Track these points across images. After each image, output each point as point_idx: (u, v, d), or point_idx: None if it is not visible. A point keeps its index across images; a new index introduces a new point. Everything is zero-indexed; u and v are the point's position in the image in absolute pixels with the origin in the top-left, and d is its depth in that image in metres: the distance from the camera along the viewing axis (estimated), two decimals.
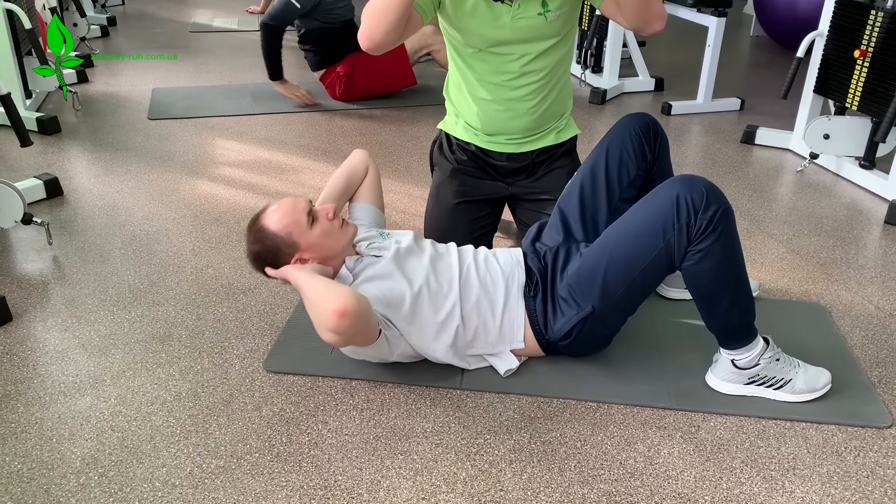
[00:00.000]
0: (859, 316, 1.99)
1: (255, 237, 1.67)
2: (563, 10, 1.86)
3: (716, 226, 1.47)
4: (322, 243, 1.66)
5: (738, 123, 3.51)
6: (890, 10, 2.64)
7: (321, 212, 1.69)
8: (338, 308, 1.40)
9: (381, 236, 1.79)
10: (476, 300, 1.66)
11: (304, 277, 1.55)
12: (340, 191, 1.93)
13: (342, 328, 1.42)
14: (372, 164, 2.00)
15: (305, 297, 1.53)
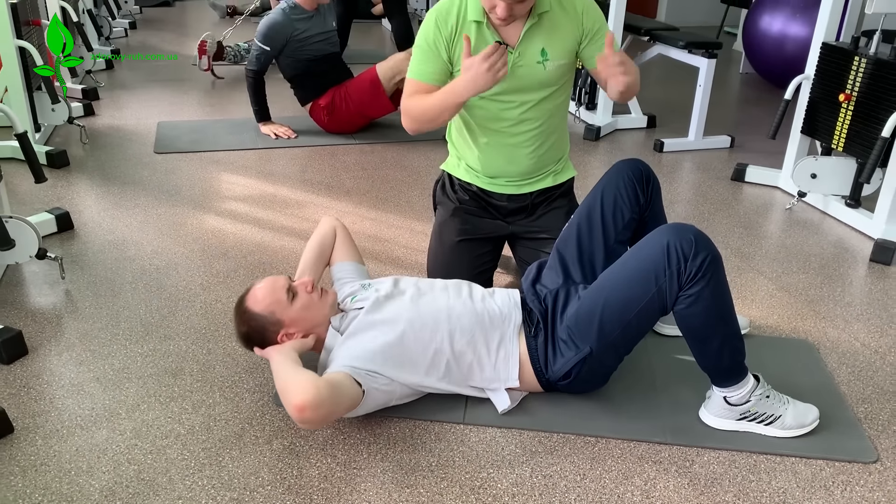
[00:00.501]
0: (846, 353, 2.07)
1: (242, 319, 1.77)
2: (562, 62, 1.96)
3: (705, 272, 1.55)
4: (304, 316, 1.75)
5: (729, 161, 3.62)
6: (872, 56, 2.76)
7: (300, 287, 1.79)
8: (296, 404, 1.49)
9: (363, 288, 1.88)
10: (470, 337, 1.73)
11: (275, 364, 1.67)
12: (315, 259, 2.03)
13: (304, 420, 1.51)
14: (339, 226, 2.11)
15: (276, 385, 1.63)
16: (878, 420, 1.80)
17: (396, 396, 1.73)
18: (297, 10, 3.59)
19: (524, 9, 1.86)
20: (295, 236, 2.69)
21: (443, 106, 1.90)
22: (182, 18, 7.31)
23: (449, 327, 1.73)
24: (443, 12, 1.95)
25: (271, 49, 3.58)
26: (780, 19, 4.80)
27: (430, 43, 1.95)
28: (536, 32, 1.93)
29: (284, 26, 3.56)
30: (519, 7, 1.83)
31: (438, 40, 1.93)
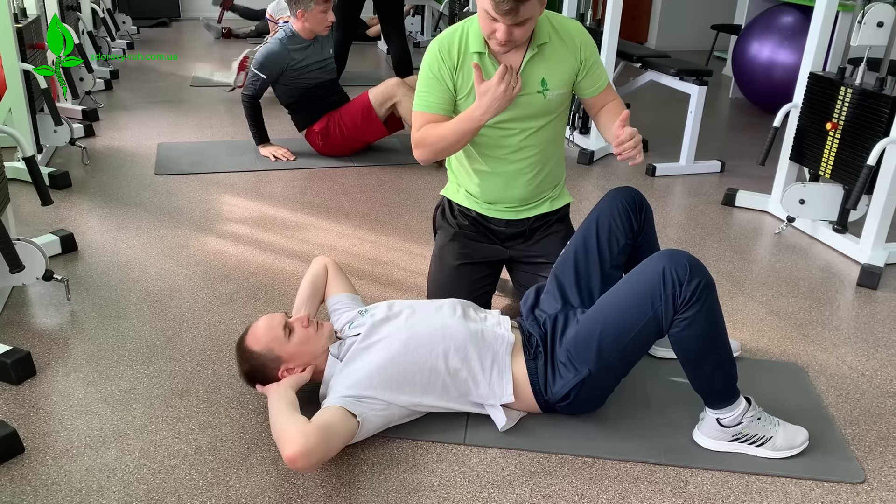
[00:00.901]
0: (834, 376, 2.14)
1: (243, 358, 1.83)
2: (561, 91, 2.04)
3: (699, 297, 1.62)
4: (302, 351, 1.82)
5: (719, 185, 3.70)
6: (858, 87, 2.85)
7: (296, 322, 1.85)
8: (287, 455, 1.54)
9: (360, 314, 1.93)
10: (464, 353, 1.78)
11: (271, 407, 1.72)
12: (310, 295, 2.10)
13: (297, 468, 1.56)
14: (330, 262, 2.18)
15: (272, 430, 1.69)
16: (865, 442, 1.85)
17: (395, 418, 1.78)
18: (295, 39, 3.66)
19: (523, 35, 1.89)
20: (296, 259, 2.74)
21: (460, 132, 1.97)
22: (178, 39, 7.39)
23: (443, 346, 1.78)
24: (445, 44, 2.01)
25: (267, 77, 3.66)
26: (769, 46, 4.91)
27: (434, 73, 2.01)
28: (537, 63, 2.00)
29: (281, 56, 3.63)
30: (518, 32, 1.86)
31: (443, 70, 2.00)
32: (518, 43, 1.93)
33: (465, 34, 2.01)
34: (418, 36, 7.31)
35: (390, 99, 3.67)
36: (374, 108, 3.70)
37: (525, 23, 1.85)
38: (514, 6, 1.78)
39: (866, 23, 2.78)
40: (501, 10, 1.79)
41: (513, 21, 1.82)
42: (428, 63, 2.03)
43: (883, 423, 1.93)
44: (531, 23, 1.87)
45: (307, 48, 3.69)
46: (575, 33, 2.04)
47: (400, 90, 3.65)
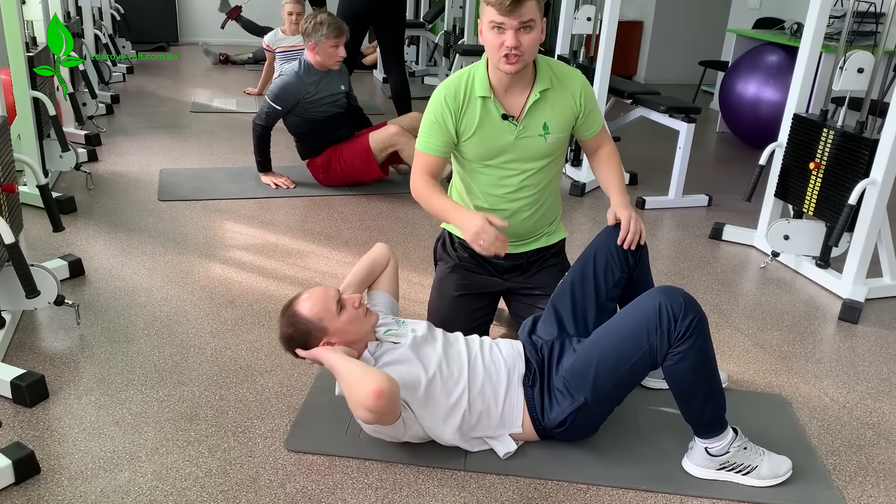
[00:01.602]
0: (816, 407, 2.23)
1: (289, 321, 1.88)
2: (561, 135, 2.15)
3: (692, 332, 1.71)
4: (348, 329, 1.87)
5: (707, 219, 3.82)
6: (840, 129, 2.98)
7: (349, 301, 1.91)
8: (375, 389, 1.61)
9: (397, 324, 2.00)
10: (481, 387, 1.87)
11: (339, 359, 1.76)
12: (362, 279, 2.16)
13: (378, 407, 1.63)
14: (392, 258, 2.24)
15: (342, 377, 1.73)
16: (845, 471, 1.95)
17: (409, 434, 1.85)
18: (310, 71, 3.76)
19: (530, 45, 1.97)
20: (299, 286, 2.82)
21: (442, 216, 2.13)
22: (176, 64, 7.49)
23: (468, 379, 1.87)
24: (451, 89, 2.12)
25: (282, 109, 3.74)
26: (755, 84, 5.07)
27: (438, 117, 2.11)
28: (539, 108, 2.11)
29: (297, 88, 3.72)
30: (525, 39, 1.95)
31: (447, 115, 2.10)
32: (526, 59, 2.01)
33: (470, 79, 2.12)
34: (413, 66, 7.45)
35: (391, 147, 3.79)
36: (374, 154, 3.81)
37: (530, 27, 1.96)
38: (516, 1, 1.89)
39: (847, 69, 2.92)
40: (504, 8, 1.91)
41: (519, 20, 1.93)
42: (433, 107, 2.13)
43: (863, 453, 2.03)
44: (535, 33, 1.98)
45: (320, 81, 3.78)
46: (575, 81, 2.15)
47: (401, 139, 3.76)
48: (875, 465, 1.98)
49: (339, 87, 3.89)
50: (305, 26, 3.71)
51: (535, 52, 2.04)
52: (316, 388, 2.17)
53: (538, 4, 1.97)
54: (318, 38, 3.67)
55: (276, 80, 3.83)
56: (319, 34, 3.66)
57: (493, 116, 2.10)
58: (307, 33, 3.69)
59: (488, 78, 2.09)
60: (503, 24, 1.94)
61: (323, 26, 3.66)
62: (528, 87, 2.10)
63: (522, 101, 2.11)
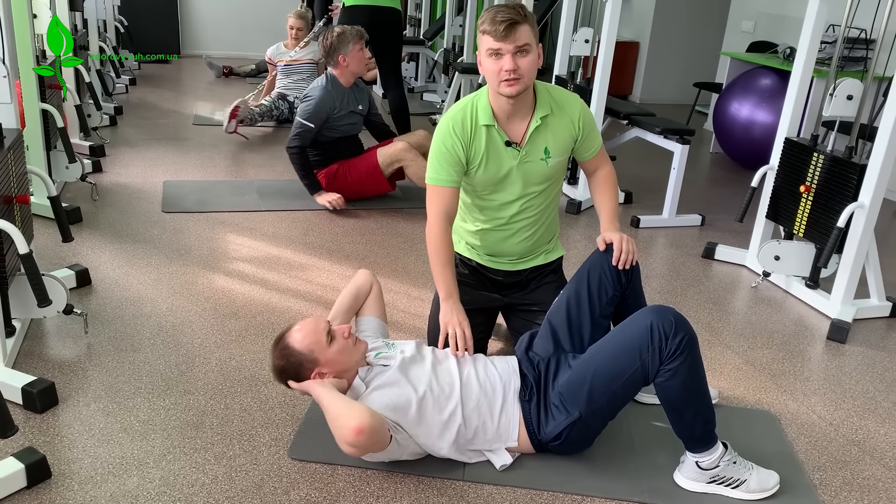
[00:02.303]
0: (804, 424, 2.30)
1: (281, 354, 1.95)
2: (561, 158, 2.23)
3: (683, 350, 1.78)
4: (339, 359, 1.94)
5: (700, 238, 3.90)
6: (829, 154, 3.07)
7: (338, 332, 1.98)
8: (356, 426, 1.69)
9: (387, 346, 2.07)
10: (476, 402, 1.93)
11: (325, 393, 1.83)
12: (348, 307, 2.24)
13: (359, 443, 1.71)
14: (375, 282, 2.32)
15: (326, 412, 1.81)
16: (831, 486, 2.01)
17: (406, 452, 1.91)
18: (337, 86, 3.83)
19: (527, 68, 2.04)
20: (301, 298, 2.88)
21: (434, 273, 2.19)
22: (178, 75, 7.58)
23: (461, 395, 1.93)
24: (458, 119, 2.19)
25: (315, 126, 3.77)
26: (748, 106, 5.18)
27: (448, 147, 2.18)
28: (540, 133, 2.19)
29: (328, 104, 3.78)
30: (522, 63, 2.02)
31: (457, 144, 2.17)
32: (526, 82, 2.08)
33: (474, 109, 2.19)
34: (413, 82, 7.55)
35: (398, 162, 3.88)
36: (382, 169, 3.89)
37: (526, 51, 2.04)
38: (510, 27, 1.99)
39: (837, 96, 3.01)
40: (499, 34, 2.00)
41: (514, 45, 2.01)
42: (441, 138, 2.20)
43: (848, 469, 2.10)
44: (532, 56, 2.06)
45: (344, 98, 3.86)
46: (574, 106, 2.23)
47: (408, 155, 3.83)
48: (860, 481, 2.05)
49: (358, 106, 3.97)
50: (329, 42, 3.78)
51: (534, 74, 2.12)
52: None
53: (532, 29, 2.06)
54: (346, 48, 3.75)
55: (307, 100, 3.81)
56: (346, 43, 3.75)
57: (498, 144, 2.18)
58: (334, 48, 3.76)
59: (491, 107, 2.17)
60: (500, 50, 2.03)
61: (345, 34, 3.78)
62: (528, 114, 2.18)
63: (524, 127, 2.19)
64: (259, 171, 4.50)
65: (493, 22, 2.00)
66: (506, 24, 1.98)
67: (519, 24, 2.00)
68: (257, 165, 4.61)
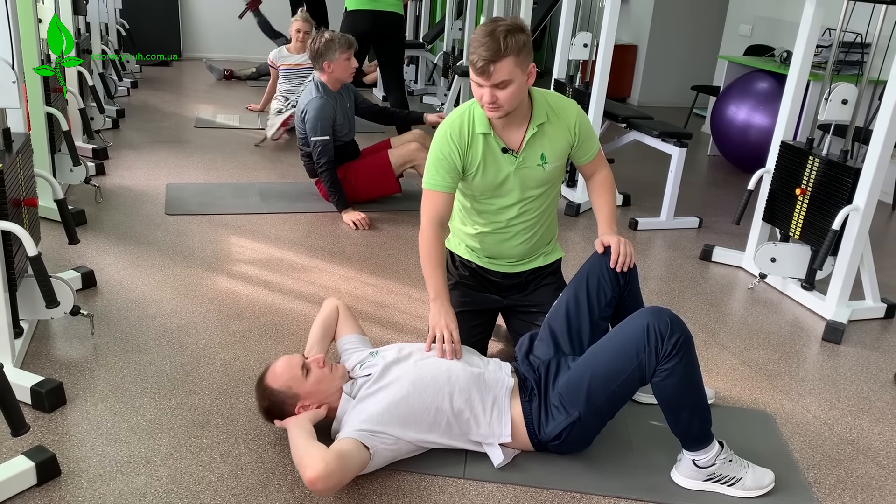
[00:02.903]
0: (799, 423, 2.34)
1: (263, 395, 2.00)
2: (558, 164, 2.27)
3: (679, 350, 1.82)
4: (318, 389, 1.99)
5: (697, 240, 3.94)
6: (825, 157, 3.11)
7: (312, 363, 2.02)
8: (308, 477, 1.73)
9: (370, 356, 2.12)
10: (467, 395, 1.97)
11: (291, 436, 1.89)
12: (321, 336, 2.29)
13: (317, 490, 1.76)
14: (341, 305, 2.37)
15: (293, 454, 1.85)
16: (825, 485, 2.05)
17: (402, 453, 1.95)
18: (327, 90, 3.86)
19: (507, 99, 2.07)
20: (303, 300, 2.92)
21: (424, 274, 2.23)
22: (179, 78, 7.61)
23: (449, 388, 1.97)
24: (455, 127, 2.22)
25: (330, 137, 3.77)
26: (745, 109, 5.22)
27: (445, 154, 2.21)
28: (537, 140, 2.23)
29: (329, 108, 3.79)
30: (501, 95, 2.05)
31: (454, 151, 2.20)
32: (507, 108, 2.11)
33: (471, 117, 2.22)
34: (412, 85, 7.59)
35: (410, 162, 3.94)
36: (393, 169, 3.94)
37: (505, 86, 2.05)
38: (486, 65, 2.01)
39: (832, 100, 3.05)
40: (477, 69, 2.03)
41: (490, 82, 2.04)
42: (438, 145, 2.23)
43: (842, 467, 2.14)
44: (513, 87, 2.06)
45: (337, 101, 3.89)
46: (570, 112, 2.27)
47: (420, 155, 3.88)
48: (853, 479, 2.09)
49: (347, 104, 4.00)
50: (316, 47, 3.80)
51: (517, 100, 2.11)
52: None
53: (516, 60, 2.02)
54: (332, 55, 3.79)
55: (309, 116, 3.79)
56: (332, 51, 3.78)
57: (495, 151, 2.22)
58: (320, 53, 3.79)
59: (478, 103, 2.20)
60: (479, 82, 2.07)
61: (334, 42, 3.80)
62: (525, 122, 2.22)
63: (521, 135, 2.22)
64: (261, 173, 4.54)
65: (474, 53, 2.02)
66: (483, 62, 2.00)
67: (496, 62, 2.00)
68: (259, 168, 4.65)
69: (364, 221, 3.78)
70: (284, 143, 5.28)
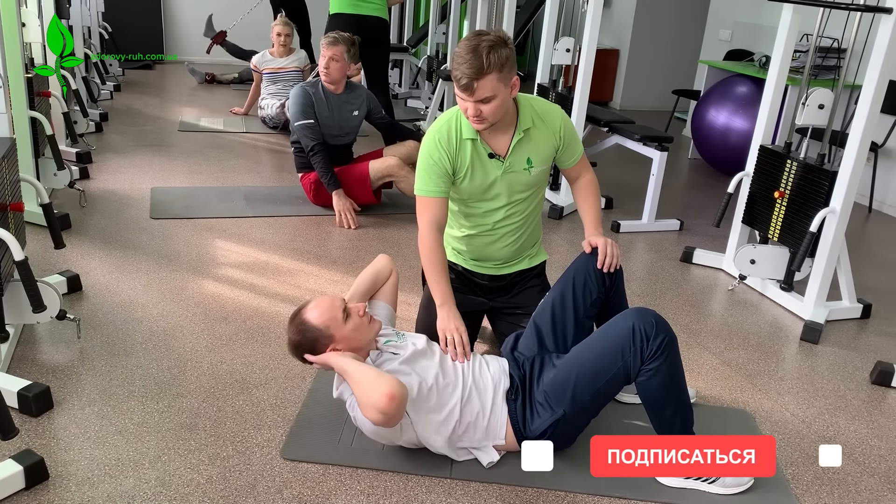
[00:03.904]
0: (778, 422, 2.39)
1: (297, 329, 2.00)
2: (543, 167, 2.31)
3: (663, 350, 1.87)
4: (353, 336, 1.99)
5: (678, 243, 3.99)
6: (802, 161, 3.17)
7: (354, 310, 2.03)
8: (388, 392, 1.75)
9: (396, 336, 2.13)
10: (471, 400, 2.00)
11: (350, 363, 1.89)
12: (366, 289, 2.29)
13: (390, 409, 1.77)
14: (394, 270, 2.37)
15: (354, 380, 1.86)
16: (802, 481, 2.10)
17: (404, 438, 1.98)
18: (315, 85, 3.93)
19: (492, 113, 2.11)
20: (289, 303, 2.93)
21: (429, 282, 2.24)
22: (162, 82, 7.60)
23: (461, 392, 2.00)
24: (443, 133, 2.25)
25: (312, 120, 3.85)
26: (725, 113, 5.30)
27: (435, 159, 2.24)
28: (523, 145, 2.27)
29: (305, 96, 3.87)
30: (485, 109, 2.09)
31: (443, 156, 2.23)
32: (491, 121, 2.15)
33: (458, 122, 2.25)
34: (397, 88, 7.62)
35: (389, 177, 3.95)
36: (372, 181, 3.95)
37: (489, 101, 2.09)
38: (469, 83, 2.05)
39: (809, 105, 3.12)
40: (460, 86, 2.07)
41: (474, 98, 2.08)
42: (428, 151, 2.26)
43: (819, 464, 2.18)
44: (497, 101, 2.09)
45: (328, 100, 3.92)
46: (555, 117, 2.31)
47: (401, 172, 3.90)
48: (830, 476, 2.14)
49: (353, 112, 4.02)
50: None
51: (501, 113, 2.14)
52: (309, 400, 2.29)
53: (498, 75, 2.04)
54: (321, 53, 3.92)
55: (289, 104, 3.98)
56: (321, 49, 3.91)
57: (482, 156, 2.25)
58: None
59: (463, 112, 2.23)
60: (463, 98, 2.11)
61: (325, 40, 3.94)
62: (511, 127, 2.25)
63: (507, 140, 2.26)
64: (245, 177, 4.55)
65: (458, 70, 2.05)
66: (466, 79, 2.04)
67: (478, 79, 2.03)
68: (243, 171, 4.65)
69: (350, 215, 3.82)
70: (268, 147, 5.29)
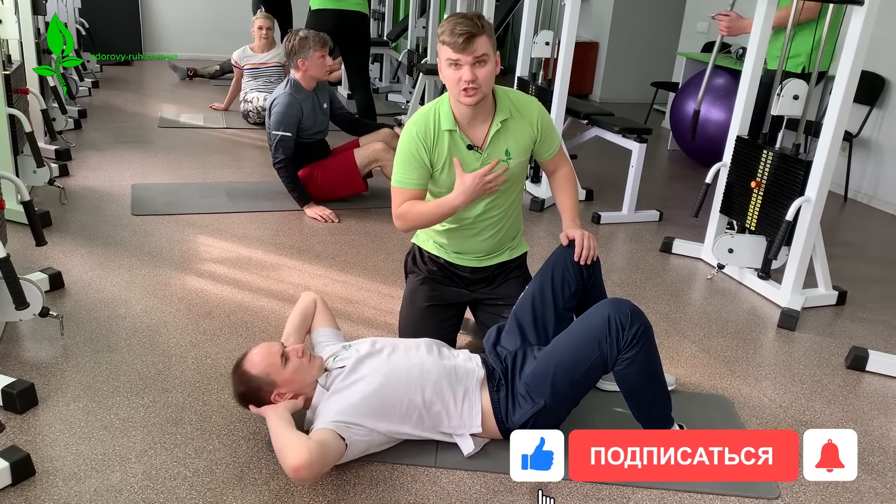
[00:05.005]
0: (756, 407, 2.44)
1: (240, 380, 2.03)
2: (522, 160, 2.33)
3: (638, 340, 1.91)
4: (295, 378, 2.02)
5: (658, 233, 4.04)
6: (778, 151, 3.23)
7: (292, 352, 2.05)
8: (292, 465, 1.76)
9: (343, 349, 2.16)
10: (437, 387, 2.02)
11: (271, 424, 1.92)
12: (298, 325, 2.33)
13: (298, 479, 1.80)
14: (318, 298, 2.41)
15: (273, 443, 1.89)
16: None
17: (375, 444, 2.00)
18: (299, 89, 3.88)
19: (485, 78, 2.15)
20: (273, 298, 2.95)
21: (439, 213, 2.27)
22: (141, 78, 7.55)
23: (421, 381, 2.02)
24: (421, 125, 2.28)
25: (291, 134, 3.81)
26: (703, 105, 5.33)
27: (413, 152, 2.27)
28: (501, 136, 2.30)
29: (294, 107, 3.82)
30: (480, 73, 2.13)
31: (421, 149, 2.27)
32: (484, 90, 2.19)
33: (436, 114, 2.29)
34: (377, 82, 7.62)
35: (375, 162, 3.97)
36: (359, 169, 3.97)
37: (484, 61, 2.14)
38: (469, 38, 2.09)
39: (784, 95, 3.17)
40: (458, 46, 2.10)
41: (472, 56, 2.12)
42: (406, 144, 2.29)
43: None
44: (490, 66, 2.16)
45: (309, 100, 3.91)
46: (532, 109, 2.34)
47: (386, 155, 3.90)
48: None
49: (323, 105, 4.02)
50: (290, 45, 3.83)
51: (492, 83, 2.22)
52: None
53: (490, 40, 2.16)
54: (307, 53, 3.81)
55: (274, 110, 3.84)
56: (306, 48, 3.81)
57: (460, 147, 2.28)
58: (294, 51, 3.82)
59: (452, 112, 2.27)
60: (459, 61, 2.13)
61: (308, 40, 3.83)
62: (489, 118, 2.28)
63: (485, 131, 2.29)
64: (226, 172, 4.54)
65: (452, 34, 2.10)
66: (464, 36, 2.08)
67: (477, 36, 2.10)
68: (224, 167, 4.65)
69: (331, 216, 3.83)
70: (249, 142, 5.29)
